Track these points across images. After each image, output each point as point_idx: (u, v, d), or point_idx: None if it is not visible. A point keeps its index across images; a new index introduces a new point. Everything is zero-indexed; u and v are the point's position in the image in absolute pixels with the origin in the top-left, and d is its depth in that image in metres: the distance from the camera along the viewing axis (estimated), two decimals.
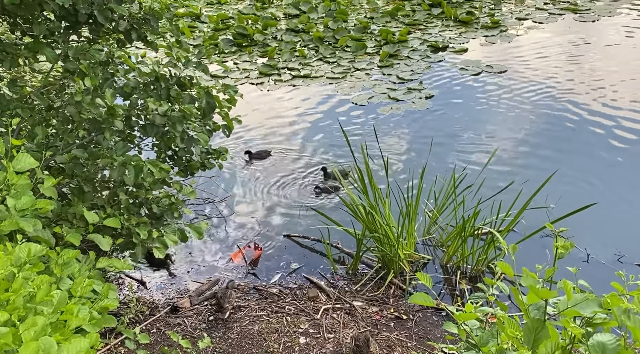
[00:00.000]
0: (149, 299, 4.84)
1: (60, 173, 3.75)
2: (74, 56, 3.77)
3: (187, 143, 4.15)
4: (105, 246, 3.07)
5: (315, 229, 5.59)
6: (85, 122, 3.74)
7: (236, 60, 10.38)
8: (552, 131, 7.26)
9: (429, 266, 5.09)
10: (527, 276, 1.80)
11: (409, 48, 10.24)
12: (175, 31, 4.34)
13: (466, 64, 9.39)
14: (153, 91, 4.09)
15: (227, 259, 5.34)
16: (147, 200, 3.92)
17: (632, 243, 5.08)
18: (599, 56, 9.42)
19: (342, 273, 5.09)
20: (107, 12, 3.88)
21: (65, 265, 2.43)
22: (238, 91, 4.54)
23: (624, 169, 6.28)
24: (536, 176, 5.59)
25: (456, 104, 8.17)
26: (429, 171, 6.30)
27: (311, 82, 9.28)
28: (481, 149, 6.87)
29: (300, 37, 11.12)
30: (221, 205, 6.18)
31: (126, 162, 3.58)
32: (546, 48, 9.95)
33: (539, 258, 4.88)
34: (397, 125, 7.63)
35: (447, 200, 5.30)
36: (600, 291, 1.91)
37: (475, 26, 11.17)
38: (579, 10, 11.53)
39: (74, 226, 3.39)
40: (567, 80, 8.62)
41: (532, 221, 5.00)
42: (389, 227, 4.81)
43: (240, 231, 5.75)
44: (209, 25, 12.10)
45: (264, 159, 7.08)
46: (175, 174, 4.39)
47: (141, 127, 4.01)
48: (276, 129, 7.88)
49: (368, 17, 11.99)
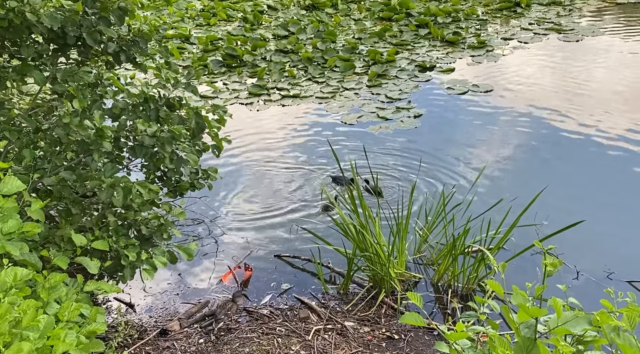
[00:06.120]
0: (138, 322, 4.77)
1: (48, 195, 3.72)
2: (62, 78, 3.77)
3: (177, 164, 4.14)
4: (93, 269, 3.04)
5: (306, 248, 5.57)
6: (73, 144, 3.72)
7: (225, 81, 10.42)
8: (539, 148, 7.35)
9: (420, 284, 5.07)
10: (517, 295, 1.80)
11: (397, 68, 10.36)
12: (164, 53, 4.37)
13: (453, 84, 9.50)
14: (142, 112, 4.09)
15: (217, 281, 5.30)
16: (135, 221, 3.89)
17: (620, 260, 5.10)
18: (583, 75, 9.57)
19: (334, 292, 5.06)
20: (95, 34, 3.90)
21: (52, 289, 2.40)
22: (227, 111, 4.56)
23: (612, 185, 6.35)
24: (525, 194, 5.61)
25: (444, 123, 8.25)
26: (418, 188, 6.34)
27: (301, 102, 9.33)
28: (469, 166, 6.92)
29: (289, 58, 11.21)
30: (211, 226, 6.14)
31: (115, 184, 3.56)
32: (532, 67, 10.11)
33: (529, 275, 4.90)
34: (386, 144, 7.68)
35: (437, 218, 5.31)
36: (590, 308, 1.92)
37: (462, 46, 11.33)
38: (563, 31, 11.76)
39: (62, 249, 3.35)
40: (552, 98, 8.74)
41: (522, 239, 5.02)
42: (380, 246, 4.80)
43: (230, 252, 5.71)
44: (198, 47, 12.17)
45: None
46: (165, 195, 4.37)
47: (130, 149, 4.00)
48: (265, 149, 7.89)
49: (356, 38, 12.13)
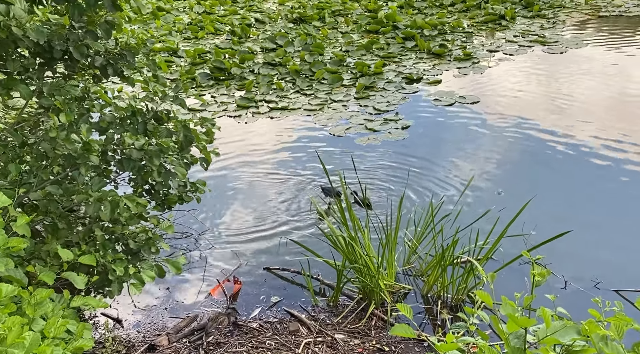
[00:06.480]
0: (126, 338, 4.71)
1: (34, 210, 3.68)
2: (48, 92, 3.75)
3: (165, 177, 4.12)
4: (80, 284, 3.00)
5: (295, 261, 5.55)
6: (60, 158, 3.69)
7: (214, 94, 10.42)
8: (526, 158, 7.42)
9: (410, 295, 5.07)
10: (506, 305, 1.81)
11: (385, 80, 10.43)
12: (152, 66, 4.37)
13: (440, 95, 9.58)
14: (130, 125, 4.07)
15: (206, 294, 5.26)
16: (123, 235, 3.86)
17: (608, 269, 5.14)
18: (568, 86, 9.70)
19: (323, 305, 5.04)
20: (82, 48, 3.89)
21: (38, 305, 2.36)
22: (215, 123, 4.56)
23: (599, 194, 6.42)
24: (512, 204, 5.66)
25: (432, 134, 8.31)
26: (408, 199, 6.36)
27: (289, 114, 9.34)
28: (458, 177, 6.96)
29: (277, 70, 11.25)
30: (200, 239, 6.11)
31: (102, 198, 3.53)
32: (517, 79, 10.24)
33: (518, 285, 4.91)
34: (374, 155, 7.71)
35: (425, 229, 5.32)
36: (578, 317, 1.93)
37: (448, 58, 11.45)
38: (547, 43, 11.92)
39: (48, 264, 3.31)
40: (538, 109, 8.84)
41: (510, 249, 5.05)
42: (369, 258, 4.80)
43: (219, 265, 5.68)
44: (186, 60, 12.18)
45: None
46: (153, 208, 4.34)
47: (117, 162, 3.97)
48: (254, 161, 7.88)
49: (344, 51, 12.20)
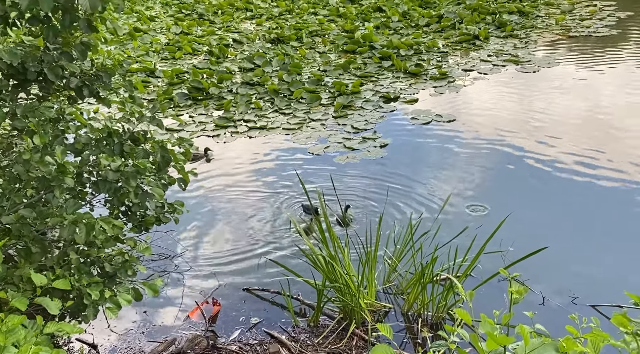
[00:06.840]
0: None
1: (7, 234, 3.59)
2: (22, 114, 3.69)
3: (142, 198, 4.07)
4: (54, 310, 2.92)
5: (275, 281, 5.50)
6: (33, 180, 3.63)
7: (192, 114, 10.38)
8: (502, 175, 7.53)
9: (391, 314, 5.06)
10: (485, 323, 1.82)
11: (362, 99, 10.53)
12: (128, 86, 4.34)
13: (417, 114, 9.70)
14: (106, 146, 4.03)
15: (184, 317, 5.17)
16: (99, 258, 3.79)
17: (584, 284, 5.21)
18: (541, 103, 9.92)
19: (304, 325, 5.00)
20: (57, 69, 3.85)
21: (9, 332, 2.30)
22: (193, 144, 4.54)
23: (574, 210, 6.52)
24: (490, 220, 5.72)
25: (409, 152, 8.39)
26: (387, 216, 6.39)
27: (268, 133, 9.35)
28: (436, 194, 7.02)
29: (255, 90, 11.27)
30: (177, 260, 6.02)
31: (77, 220, 3.47)
32: (492, 97, 10.43)
33: (496, 302, 4.94)
34: (353, 173, 7.74)
35: (405, 247, 5.34)
36: (556, 333, 1.95)
37: (424, 77, 11.62)
38: (520, 62, 12.20)
39: (21, 289, 3.23)
40: (513, 126, 9.01)
41: (489, 265, 5.09)
42: (349, 277, 4.78)
43: (197, 287, 5.60)
44: (164, 80, 12.13)
45: (200, 159, 8.38)
46: (129, 230, 4.27)
47: (93, 184, 3.92)
48: (233, 181, 7.85)
49: (321, 70, 12.30)
